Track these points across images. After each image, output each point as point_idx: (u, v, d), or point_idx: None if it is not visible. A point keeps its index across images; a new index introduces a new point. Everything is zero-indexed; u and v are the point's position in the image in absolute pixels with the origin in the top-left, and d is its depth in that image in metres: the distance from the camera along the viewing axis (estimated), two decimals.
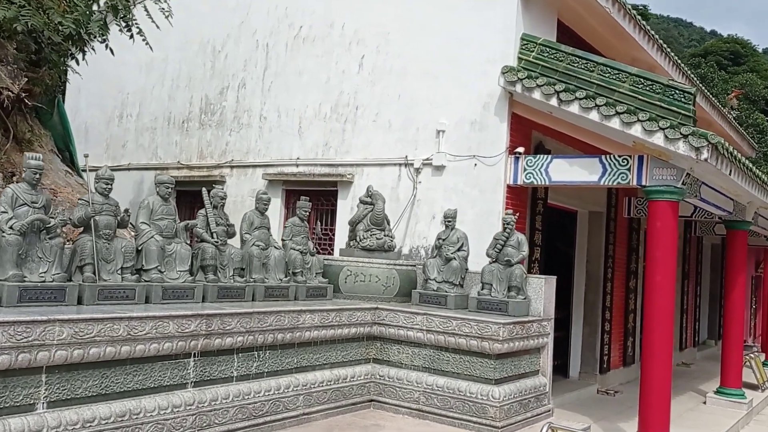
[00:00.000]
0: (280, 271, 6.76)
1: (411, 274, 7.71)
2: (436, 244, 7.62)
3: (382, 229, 7.81)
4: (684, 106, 7.78)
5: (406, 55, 9.90)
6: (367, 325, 6.78)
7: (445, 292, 7.16)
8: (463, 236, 7.58)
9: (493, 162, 9.00)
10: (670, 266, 7.84)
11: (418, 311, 6.69)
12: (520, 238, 7.32)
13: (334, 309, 6.34)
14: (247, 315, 5.42)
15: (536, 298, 7.06)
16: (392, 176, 9.89)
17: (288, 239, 7.19)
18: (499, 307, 6.82)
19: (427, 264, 7.50)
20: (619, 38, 11.11)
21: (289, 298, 6.71)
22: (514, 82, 8.70)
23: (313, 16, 10.91)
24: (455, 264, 7.25)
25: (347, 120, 10.42)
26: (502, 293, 6.98)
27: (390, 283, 7.41)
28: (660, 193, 7.88)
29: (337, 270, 7.44)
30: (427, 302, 7.23)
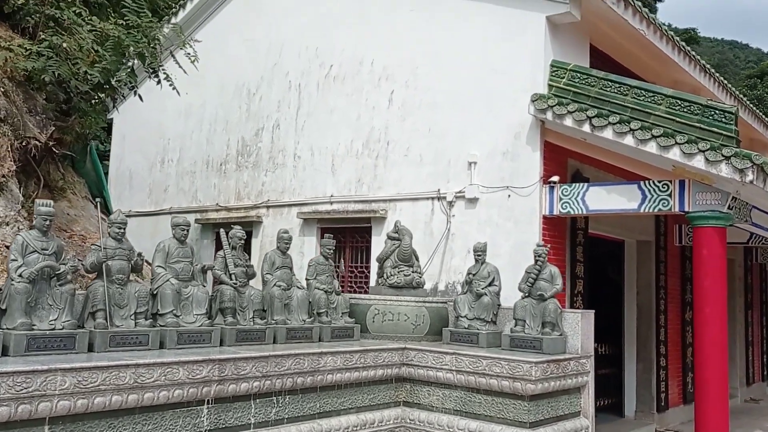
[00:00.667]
0: (303, 312, 6.58)
1: (442, 311, 7.42)
2: (467, 279, 7.33)
3: (410, 266, 7.58)
4: (725, 127, 7.36)
5: (435, 88, 9.77)
6: (395, 366, 6.51)
7: (477, 330, 6.84)
8: (494, 270, 7.27)
9: (526, 192, 8.70)
10: (720, 296, 7.33)
11: (447, 350, 6.39)
12: (554, 271, 6.97)
13: (358, 350, 6.09)
14: (263, 359, 5.25)
15: (573, 334, 6.66)
16: (425, 210, 9.68)
17: (312, 278, 7.02)
18: (533, 344, 6.45)
19: (458, 300, 7.21)
20: (659, 61, 10.74)
21: (313, 340, 6.51)
22: (545, 109, 8.43)
23: (343, 55, 10.94)
24: (486, 300, 6.93)
25: (379, 156, 10.31)
26: (536, 330, 6.62)
27: (420, 321, 7.13)
28: (705, 218, 7.43)
29: (365, 309, 7.22)
30: (459, 341, 6.92)
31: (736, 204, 7.62)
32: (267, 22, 12.12)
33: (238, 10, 12.72)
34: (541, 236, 8.55)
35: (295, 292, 6.64)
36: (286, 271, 6.73)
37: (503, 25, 9.16)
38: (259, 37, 12.20)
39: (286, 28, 11.78)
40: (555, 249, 8.83)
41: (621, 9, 9.04)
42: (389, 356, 6.40)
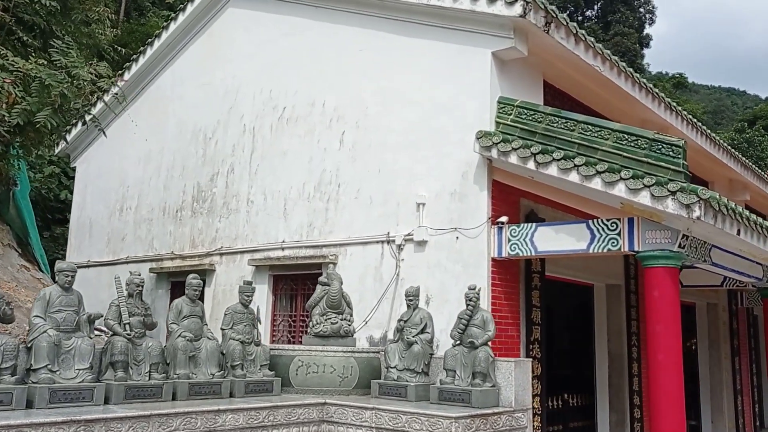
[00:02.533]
0: (213, 365, 6.08)
1: (374, 362, 6.91)
2: (398, 326, 6.84)
3: (340, 313, 7.10)
4: (673, 161, 6.98)
5: (385, 128, 9.47)
6: (313, 423, 5.97)
7: (406, 382, 6.32)
8: (426, 316, 6.78)
9: (474, 234, 8.27)
10: (674, 342, 6.82)
11: (366, 406, 5.87)
12: (486, 316, 6.48)
13: (265, 407, 5.58)
14: (144, 419, 4.74)
15: (506, 385, 6.14)
16: (375, 255, 9.25)
17: (227, 328, 6.54)
18: (461, 397, 5.93)
19: (388, 350, 6.71)
20: (623, 100, 10.46)
21: (222, 396, 5.99)
22: (490, 147, 8.08)
23: (296, 96, 10.69)
24: (417, 349, 6.43)
25: (330, 198, 9.93)
26: (466, 381, 6.10)
27: (347, 373, 6.62)
28: (655, 258, 6.98)
29: (288, 361, 6.71)
30: (387, 394, 6.40)
31: (689, 242, 7.17)
32: (224, 66, 11.93)
33: (197, 55, 12.56)
34: (489, 280, 8.09)
35: (204, 343, 6.15)
36: (195, 321, 6.27)
37: (449, 63, 8.90)
38: (217, 80, 12.00)
39: (242, 72, 11.59)
40: (507, 293, 8.36)
41: (571, 44, 8.79)
42: (305, 413, 5.88)
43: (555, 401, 10.02)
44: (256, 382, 6.30)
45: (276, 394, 6.39)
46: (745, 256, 8.74)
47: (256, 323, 6.79)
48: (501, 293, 8.25)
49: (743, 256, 8.72)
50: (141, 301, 6.09)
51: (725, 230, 7.00)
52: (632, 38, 31.87)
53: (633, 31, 32.23)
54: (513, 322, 8.39)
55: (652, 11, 34.76)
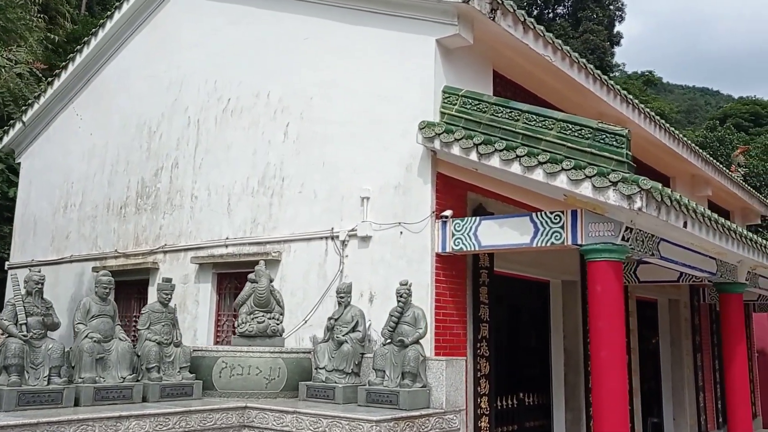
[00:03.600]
0: (124, 368, 5.69)
1: (304, 362, 6.56)
2: (328, 325, 6.50)
3: (269, 311, 6.74)
4: (617, 151, 6.72)
5: (329, 119, 9.12)
6: (233, 429, 5.61)
7: (334, 383, 5.98)
8: (358, 314, 6.46)
9: (418, 228, 7.96)
10: (618, 338, 6.56)
11: (287, 410, 5.53)
12: (417, 313, 6.17)
13: (177, 412, 5.21)
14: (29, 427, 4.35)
15: (437, 385, 5.83)
16: (319, 251, 8.89)
17: (144, 328, 6.15)
18: (389, 398, 5.61)
19: (318, 350, 6.37)
20: (577, 92, 10.21)
21: (134, 401, 5.60)
22: (432, 137, 7.78)
23: (241, 87, 10.30)
24: (346, 348, 6.10)
25: (274, 193, 9.56)
26: (395, 381, 5.78)
27: (274, 375, 6.26)
28: (597, 252, 6.72)
29: (211, 363, 6.34)
30: (315, 396, 6.06)
31: (634, 235, 6.92)
32: (169, 57, 11.50)
33: (143, 45, 12.10)
34: (433, 275, 7.78)
35: (115, 344, 5.75)
36: (105, 321, 5.87)
37: (393, 51, 8.58)
38: (161, 72, 11.56)
39: (187, 62, 11.17)
40: (453, 290, 8.06)
41: (519, 32, 8.49)
42: (224, 418, 5.51)
43: (509, 400, 9.75)
44: (173, 386, 5.92)
45: (196, 398, 6.02)
46: (696, 250, 8.54)
47: (176, 323, 6.40)
48: (446, 289, 7.95)
49: (694, 250, 8.52)
50: (42, 299, 5.67)
51: (670, 222, 6.76)
52: (602, 35, 31.88)
53: (602, 28, 32.24)
54: (459, 320, 8.09)
55: (621, 8, 34.87)
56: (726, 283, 10.02)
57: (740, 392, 9.83)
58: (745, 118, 50.43)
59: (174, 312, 6.48)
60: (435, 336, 7.61)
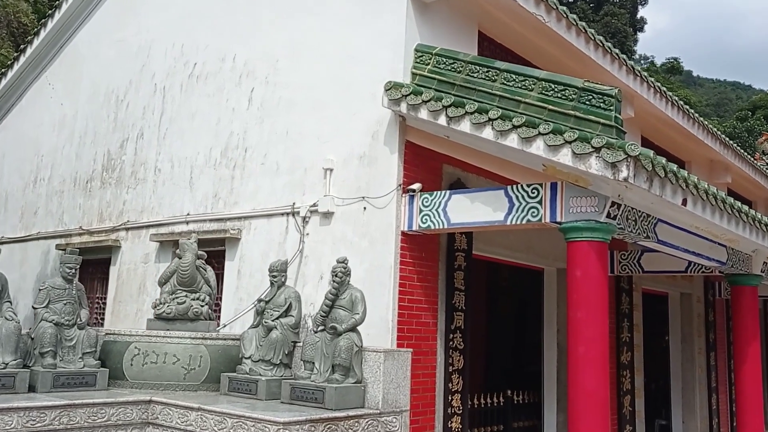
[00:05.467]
0: (9, 352, 4.90)
1: (231, 351, 5.72)
2: (257, 308, 5.63)
3: (193, 291, 5.91)
4: (604, 114, 5.75)
5: (294, 83, 8.25)
6: (133, 426, 4.79)
7: (258, 376, 5.13)
8: (293, 296, 5.60)
9: (382, 204, 7.07)
10: (599, 332, 5.62)
11: (191, 406, 4.70)
12: (356, 296, 5.30)
13: (57, 406, 4.40)
14: None
15: (374, 381, 4.95)
16: (280, 229, 8.05)
17: (41, 307, 5.35)
18: (315, 395, 4.74)
19: (245, 336, 5.52)
20: (576, 60, 9.19)
21: (17, 391, 4.81)
22: (399, 100, 6.87)
23: (207, 51, 9.46)
24: (275, 336, 5.24)
25: (236, 165, 8.73)
26: (324, 375, 4.92)
27: (195, 364, 5.44)
28: (578, 230, 5.77)
29: (123, 348, 5.53)
30: (238, 390, 5.22)
31: (623, 213, 5.96)
32: (137, 20, 10.71)
33: (113, 9, 11.33)
34: (398, 257, 6.90)
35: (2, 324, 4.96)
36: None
37: (363, 6, 7.68)
38: (130, 36, 10.78)
39: (155, 26, 10.37)
40: (422, 274, 7.17)
41: None
42: (122, 414, 4.70)
43: (495, 398, 8.86)
44: (70, 374, 5.11)
45: (100, 389, 5.21)
46: (702, 235, 7.53)
47: (82, 301, 5.60)
48: (413, 273, 7.07)
49: (700, 235, 7.51)
50: None
51: (666, 199, 5.79)
52: (623, 18, 30.49)
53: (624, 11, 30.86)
54: (428, 308, 7.20)
55: None
56: (738, 275, 8.98)
57: (752, 395, 8.81)
58: None
59: (80, 289, 5.68)
60: (398, 325, 6.75)
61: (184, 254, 6.08)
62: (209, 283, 6.25)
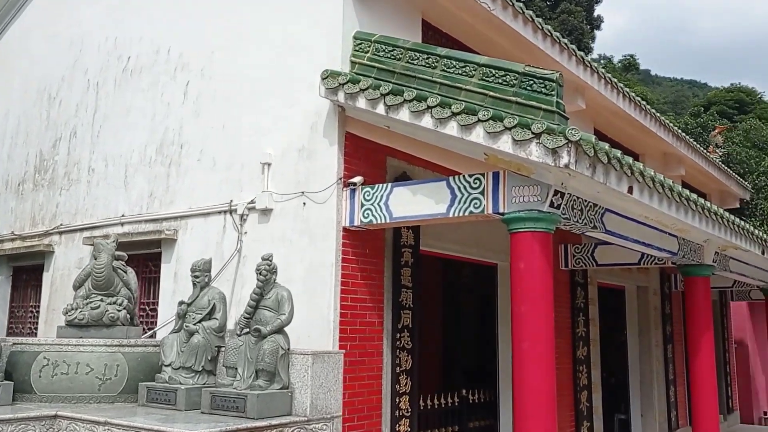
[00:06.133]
0: None
1: (152, 358, 5.33)
2: (179, 311, 5.27)
3: (110, 295, 5.51)
4: (545, 99, 5.51)
5: (231, 75, 7.88)
6: None
7: (178, 384, 4.76)
8: (218, 297, 5.24)
9: (322, 198, 6.74)
10: (544, 327, 5.37)
11: (98, 420, 4.32)
12: (282, 295, 4.96)
13: None
14: None
15: (301, 386, 4.62)
16: (217, 228, 7.67)
17: None
18: (236, 404, 4.40)
19: (165, 342, 5.14)
20: (525, 51, 8.98)
21: None
22: (336, 89, 6.55)
23: (141, 44, 9.02)
24: (196, 340, 4.88)
25: (172, 162, 8.31)
26: (248, 381, 4.58)
27: (111, 374, 5.04)
28: (520, 221, 5.52)
29: (31, 359, 5.09)
30: (157, 400, 4.84)
31: (567, 202, 5.73)
32: (69, 13, 10.21)
33: (44, 2, 10.78)
34: (339, 254, 6.58)
35: None
36: None
37: None
38: (62, 30, 10.26)
39: (88, 18, 9.88)
40: (366, 271, 6.87)
41: None
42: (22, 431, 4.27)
43: (450, 398, 8.60)
44: None
45: (3, 404, 4.77)
46: (652, 225, 7.37)
47: None
48: (356, 271, 6.75)
49: (651, 225, 7.35)
50: None
51: (611, 186, 5.58)
52: (579, 16, 30.67)
53: (581, 9, 31.06)
54: (373, 306, 6.89)
55: None
56: (691, 265, 8.88)
57: (706, 386, 8.71)
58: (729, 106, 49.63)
59: None
60: (340, 325, 6.43)
61: (99, 255, 5.66)
62: (129, 286, 5.83)
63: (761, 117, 48.36)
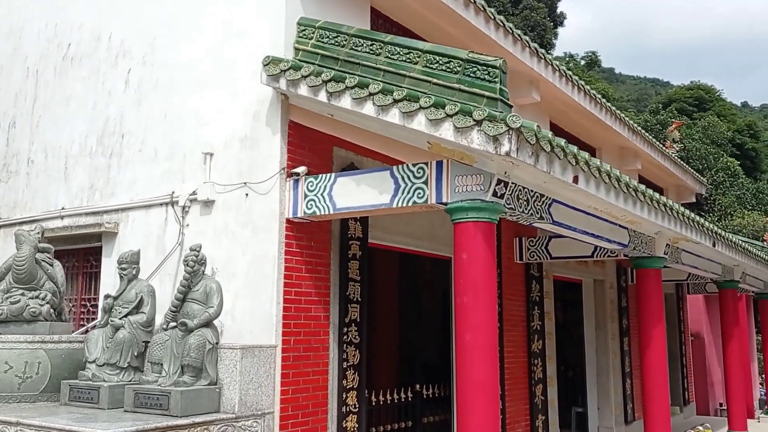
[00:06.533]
0: None
1: (78, 355, 5.10)
2: (105, 305, 5.04)
3: (33, 289, 5.25)
4: (488, 86, 5.38)
5: (173, 63, 7.61)
6: None
7: (102, 382, 4.54)
8: (145, 290, 5.03)
9: (265, 189, 6.53)
10: (486, 318, 5.26)
11: (9, 420, 4.08)
12: (210, 287, 4.78)
13: None
14: None
15: (230, 382, 4.44)
16: (159, 221, 7.40)
17: None
18: (159, 401, 4.20)
19: (89, 338, 4.91)
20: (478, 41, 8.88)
21: None
22: (278, 76, 6.34)
23: (81, 31, 8.69)
24: (122, 336, 4.66)
25: (113, 153, 8.01)
26: (174, 377, 4.37)
27: (32, 371, 4.80)
28: (463, 211, 5.40)
29: None
30: (80, 399, 4.61)
31: (512, 192, 5.62)
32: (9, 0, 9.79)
33: None
34: (283, 246, 6.38)
35: None
36: None
37: None
38: (1, 17, 9.84)
39: (27, 4, 9.48)
40: (311, 264, 6.68)
41: None
42: None
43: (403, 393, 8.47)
44: None
45: None
46: (602, 216, 7.32)
47: None
48: (301, 263, 6.56)
49: (600, 216, 7.30)
50: None
51: (555, 176, 5.48)
52: (542, 12, 30.85)
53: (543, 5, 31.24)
54: (319, 300, 6.71)
55: None
56: (642, 258, 8.87)
57: (657, 379, 8.73)
58: (689, 103, 50.58)
59: None
60: (284, 320, 6.24)
61: (20, 247, 5.39)
62: (54, 279, 5.56)
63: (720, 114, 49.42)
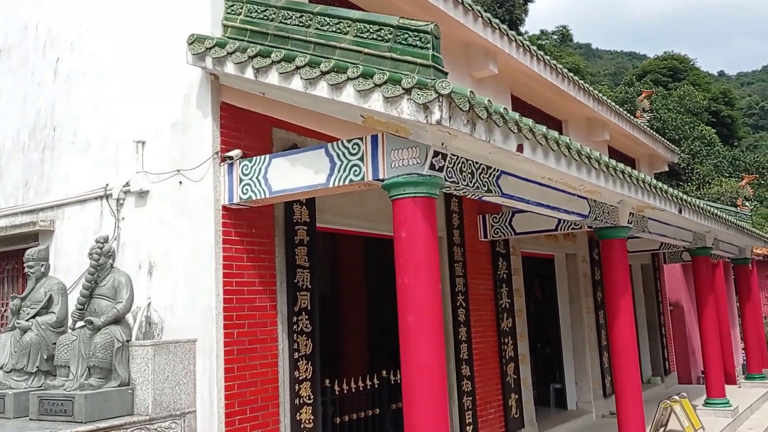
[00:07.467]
0: None
1: None
2: (12, 306, 4.70)
3: None
4: (420, 53, 5.05)
5: (101, 48, 7.23)
6: None
7: (7, 389, 4.22)
8: (55, 288, 4.70)
9: (198, 176, 6.19)
10: (429, 297, 4.96)
11: None
12: (119, 281, 4.46)
13: None
14: None
15: (143, 382, 4.13)
16: (95, 215, 7.04)
17: None
18: (64, 407, 3.89)
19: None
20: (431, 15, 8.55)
21: None
22: (203, 54, 5.98)
23: (8, 21, 8.27)
24: (29, 338, 4.33)
25: (45, 147, 7.63)
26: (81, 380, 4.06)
27: None
28: (400, 186, 5.09)
29: None
30: None
31: (454, 165, 5.32)
32: None
33: None
34: (220, 235, 6.05)
35: None
36: None
37: None
38: None
39: None
40: (254, 253, 6.36)
41: None
42: None
43: (369, 380, 8.22)
44: None
45: None
46: (557, 186, 7.05)
47: None
48: (242, 252, 6.24)
49: (555, 186, 7.02)
50: None
51: (497, 145, 5.17)
52: None
53: None
54: (264, 290, 6.40)
55: None
56: (606, 228, 8.62)
57: (626, 350, 8.51)
58: (663, 74, 50.64)
59: None
60: (224, 312, 5.93)
61: None
62: None
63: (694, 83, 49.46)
